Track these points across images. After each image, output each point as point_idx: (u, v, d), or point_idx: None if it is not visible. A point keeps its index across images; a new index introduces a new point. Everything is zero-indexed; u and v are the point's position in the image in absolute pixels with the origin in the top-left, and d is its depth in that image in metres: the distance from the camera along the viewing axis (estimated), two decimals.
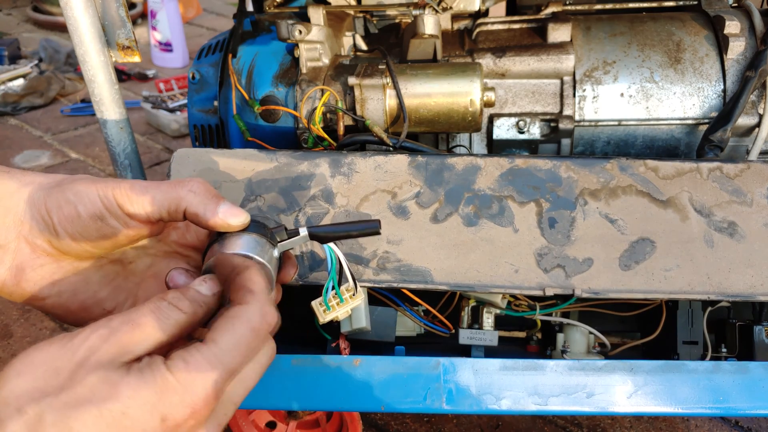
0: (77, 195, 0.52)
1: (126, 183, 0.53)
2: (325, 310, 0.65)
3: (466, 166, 0.75)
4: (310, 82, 0.90)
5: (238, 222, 0.54)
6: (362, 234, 0.63)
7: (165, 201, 0.53)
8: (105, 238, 0.53)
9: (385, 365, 0.74)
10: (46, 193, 0.52)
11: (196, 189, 0.53)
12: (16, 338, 1.49)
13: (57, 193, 0.52)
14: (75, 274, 0.55)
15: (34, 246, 0.53)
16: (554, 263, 0.71)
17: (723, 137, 0.84)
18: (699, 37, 0.93)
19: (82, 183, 0.53)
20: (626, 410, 0.73)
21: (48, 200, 0.52)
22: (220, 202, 0.54)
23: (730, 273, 0.70)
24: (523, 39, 0.96)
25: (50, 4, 3.80)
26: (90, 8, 0.78)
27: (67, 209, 0.52)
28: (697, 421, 1.32)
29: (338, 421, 1.12)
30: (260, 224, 0.57)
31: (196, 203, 0.53)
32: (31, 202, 0.52)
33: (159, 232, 0.59)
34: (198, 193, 0.53)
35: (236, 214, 0.54)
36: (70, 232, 0.52)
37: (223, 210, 0.53)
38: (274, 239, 0.58)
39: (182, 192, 0.53)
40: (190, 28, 3.81)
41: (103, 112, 0.85)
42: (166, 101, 2.66)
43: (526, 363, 0.74)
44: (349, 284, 0.65)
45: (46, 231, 0.52)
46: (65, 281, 0.55)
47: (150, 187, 0.53)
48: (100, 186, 0.53)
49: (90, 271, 0.56)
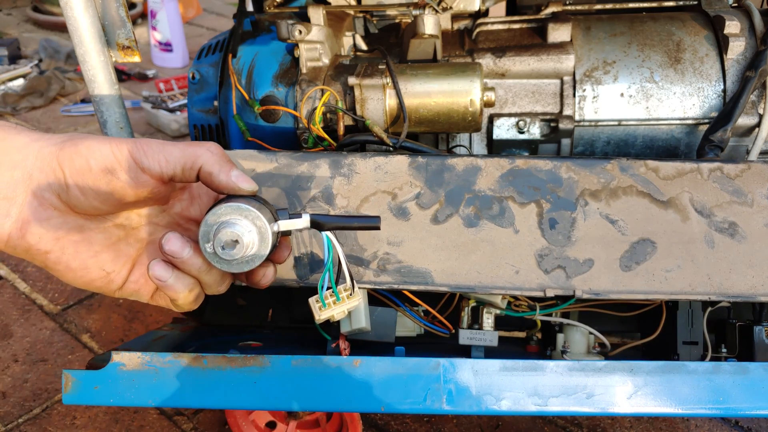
0: (89, 149, 0.54)
1: (143, 139, 0.56)
2: (321, 308, 0.65)
3: (466, 166, 0.75)
4: (310, 82, 0.90)
5: (248, 187, 0.57)
6: (362, 227, 0.63)
7: (182, 157, 0.56)
8: (113, 194, 0.55)
9: (385, 366, 0.74)
10: (59, 147, 0.54)
11: (213, 149, 0.57)
12: (16, 338, 1.49)
13: (69, 147, 0.54)
14: (79, 232, 0.57)
15: (41, 199, 0.54)
16: (555, 264, 0.71)
17: (723, 137, 0.84)
18: (699, 37, 0.93)
19: (95, 139, 0.55)
20: (626, 411, 0.73)
21: (60, 154, 0.53)
22: (234, 166, 0.57)
23: (731, 273, 0.70)
24: (523, 39, 0.96)
25: (50, 4, 3.80)
26: (90, 8, 0.78)
27: (79, 162, 0.53)
28: (697, 422, 1.32)
29: (338, 421, 1.12)
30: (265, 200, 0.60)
31: (212, 162, 0.56)
32: (42, 156, 0.54)
33: (165, 200, 0.62)
34: (215, 153, 0.56)
35: (248, 180, 0.58)
36: (80, 185, 0.54)
37: (236, 174, 0.57)
38: (276, 215, 0.59)
39: (200, 150, 0.56)
40: (190, 28, 3.80)
41: (103, 112, 0.85)
42: (166, 101, 2.66)
43: (526, 364, 0.74)
44: (346, 284, 0.65)
45: (56, 184, 0.54)
46: (69, 238, 0.56)
47: (167, 144, 0.56)
48: (114, 141, 0.55)
49: (94, 232, 0.58)
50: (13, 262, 1.79)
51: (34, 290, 1.69)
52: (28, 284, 1.71)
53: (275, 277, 0.64)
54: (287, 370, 0.74)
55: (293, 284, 0.72)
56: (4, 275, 1.75)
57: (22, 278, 1.73)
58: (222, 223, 0.54)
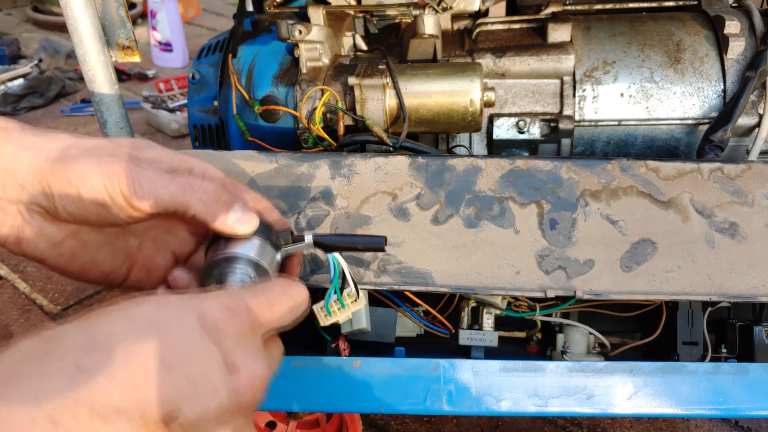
0: (80, 178, 0.51)
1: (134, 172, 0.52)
2: (326, 315, 0.65)
3: (466, 167, 0.75)
4: (310, 82, 0.90)
5: (246, 230, 0.55)
6: (366, 248, 0.63)
7: (172, 202, 0.53)
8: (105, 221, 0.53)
9: (385, 366, 0.74)
10: (49, 168, 0.51)
11: (206, 198, 0.53)
12: (16, 338, 1.49)
13: (60, 169, 0.51)
14: (74, 238, 0.56)
15: (33, 211, 0.53)
16: (555, 264, 0.71)
17: (723, 137, 0.84)
18: (699, 37, 0.93)
19: (86, 162, 0.51)
20: (626, 411, 0.73)
21: (50, 176, 0.51)
22: (230, 209, 0.54)
23: (732, 274, 0.70)
24: (523, 39, 0.96)
25: (50, 4, 3.80)
26: (90, 8, 0.78)
27: (69, 190, 0.51)
28: (697, 422, 1.32)
29: (338, 421, 1.12)
30: (267, 226, 0.58)
31: (204, 213, 0.53)
32: (33, 169, 0.51)
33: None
34: (207, 203, 0.53)
35: (245, 221, 0.55)
36: (71, 211, 0.52)
37: (232, 219, 0.54)
38: (279, 243, 0.58)
39: (191, 200, 0.53)
40: (190, 28, 3.80)
41: (103, 112, 0.85)
42: (166, 101, 2.66)
43: (526, 364, 0.74)
44: (351, 290, 0.65)
45: (45, 202, 0.52)
46: (65, 244, 0.55)
47: (158, 185, 0.52)
48: (105, 171, 0.51)
49: (89, 235, 0.57)
50: (13, 262, 1.79)
51: (34, 290, 1.69)
52: (28, 284, 1.71)
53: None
54: (287, 371, 0.74)
55: None
56: (4, 275, 1.74)
57: (22, 278, 1.73)
58: (222, 273, 0.55)
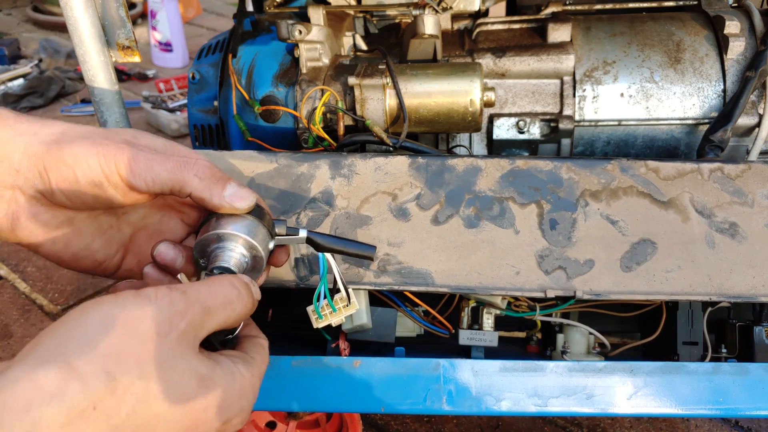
0: (76, 159, 0.51)
1: (129, 151, 0.52)
2: (318, 318, 0.66)
3: (466, 167, 0.75)
4: (310, 82, 0.90)
5: (245, 205, 0.55)
6: (356, 254, 0.63)
7: (169, 181, 0.53)
8: (101, 203, 0.53)
9: (385, 366, 0.74)
10: (45, 150, 0.51)
11: (201, 174, 0.53)
12: (16, 338, 1.49)
13: (56, 152, 0.51)
14: (69, 225, 0.56)
15: (28, 196, 0.53)
16: (555, 265, 0.71)
17: (723, 137, 0.84)
18: (699, 37, 0.93)
19: (82, 145, 0.52)
20: (626, 411, 0.73)
21: (46, 158, 0.51)
22: (227, 184, 0.54)
23: (732, 274, 0.70)
24: (523, 39, 0.96)
25: (50, 4, 3.80)
26: (90, 8, 0.78)
27: (65, 171, 0.51)
28: (697, 422, 1.32)
29: (338, 421, 1.12)
30: (263, 211, 0.58)
31: (201, 188, 0.53)
32: (28, 154, 0.51)
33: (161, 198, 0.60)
34: (203, 178, 0.53)
35: (243, 197, 0.55)
36: (67, 194, 0.52)
37: (229, 194, 0.54)
38: (273, 231, 0.58)
39: (187, 176, 0.53)
40: (190, 28, 3.80)
41: (103, 112, 0.85)
42: (166, 101, 2.66)
43: (525, 364, 0.74)
44: (342, 294, 0.65)
45: (41, 185, 0.52)
46: (59, 231, 0.55)
47: (154, 163, 0.52)
48: (101, 151, 0.51)
49: (84, 222, 0.57)
50: (13, 262, 1.79)
51: (34, 290, 1.69)
52: (28, 284, 1.71)
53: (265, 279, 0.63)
54: (287, 371, 0.74)
55: (292, 285, 0.72)
56: (4, 275, 1.74)
57: (22, 278, 1.73)
58: (215, 248, 0.54)
